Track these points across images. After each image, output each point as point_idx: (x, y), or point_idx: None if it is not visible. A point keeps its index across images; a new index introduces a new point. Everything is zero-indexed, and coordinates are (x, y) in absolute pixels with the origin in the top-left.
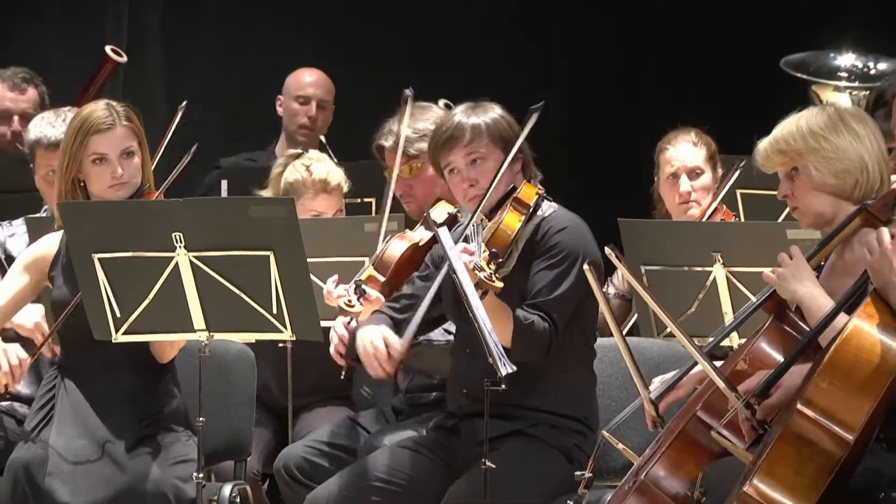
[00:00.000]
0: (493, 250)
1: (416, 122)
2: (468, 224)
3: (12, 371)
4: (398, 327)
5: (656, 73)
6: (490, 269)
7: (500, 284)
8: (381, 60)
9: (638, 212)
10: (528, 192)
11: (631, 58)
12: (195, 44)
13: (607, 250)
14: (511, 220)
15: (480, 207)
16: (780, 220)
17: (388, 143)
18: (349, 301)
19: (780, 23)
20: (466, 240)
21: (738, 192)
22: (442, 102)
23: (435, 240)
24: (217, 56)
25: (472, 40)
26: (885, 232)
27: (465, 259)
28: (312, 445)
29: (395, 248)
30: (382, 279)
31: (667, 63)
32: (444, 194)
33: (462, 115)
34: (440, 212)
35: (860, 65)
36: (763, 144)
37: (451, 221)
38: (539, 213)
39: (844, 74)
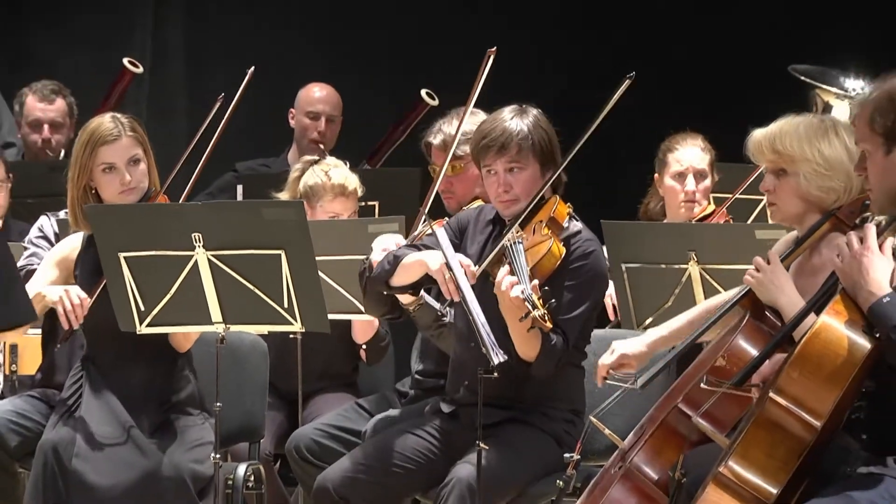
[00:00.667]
0: (545, 286)
1: (464, 126)
2: (493, 236)
3: (74, 309)
4: None
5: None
6: (543, 307)
7: (549, 325)
8: (385, 70)
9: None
10: (562, 211)
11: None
12: (214, 57)
13: None
14: (557, 249)
15: (519, 219)
16: (749, 221)
17: (436, 140)
18: (544, 316)
19: (767, 34)
20: (503, 254)
21: (712, 195)
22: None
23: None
24: (235, 68)
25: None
26: (854, 237)
27: (515, 291)
28: (321, 428)
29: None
30: None
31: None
32: (482, 195)
33: (509, 121)
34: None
35: (860, 86)
36: (758, 136)
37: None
38: (567, 228)
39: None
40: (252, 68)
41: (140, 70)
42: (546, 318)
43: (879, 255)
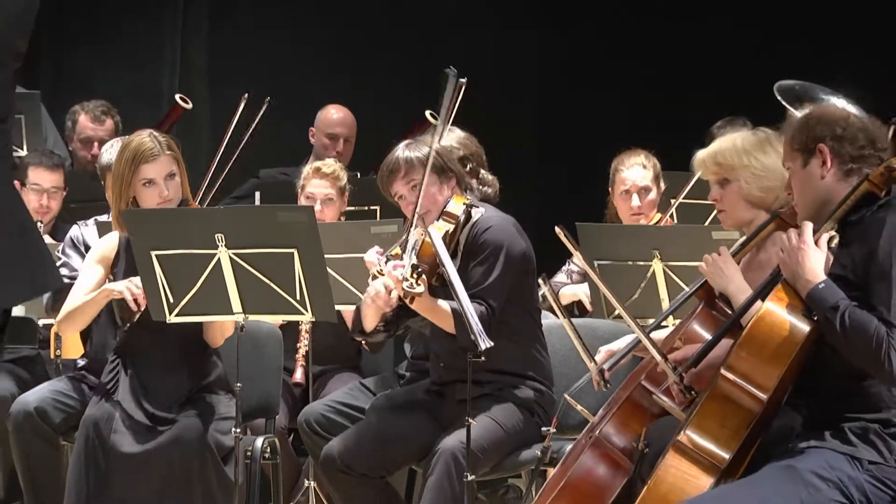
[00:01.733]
0: (416, 262)
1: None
2: (407, 239)
3: (137, 298)
4: None
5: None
6: (412, 278)
7: (419, 289)
8: (393, 91)
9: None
10: (456, 203)
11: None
12: (238, 79)
13: (557, 230)
14: (440, 230)
15: (415, 223)
16: (706, 223)
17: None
18: (380, 270)
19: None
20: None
21: (672, 200)
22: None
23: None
24: (257, 88)
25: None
26: (794, 233)
27: (397, 273)
28: (328, 404)
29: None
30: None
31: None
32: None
33: (398, 151)
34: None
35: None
36: (702, 155)
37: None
38: (471, 219)
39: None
40: (246, 94)
41: (190, 106)
42: (414, 285)
43: (815, 248)
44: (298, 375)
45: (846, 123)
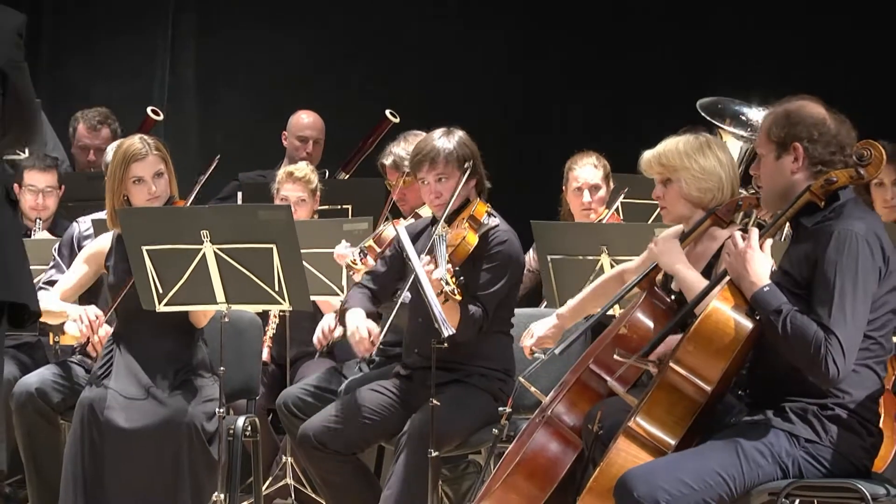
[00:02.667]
0: (457, 268)
1: (409, 146)
2: (432, 233)
3: (91, 325)
4: (376, 298)
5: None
6: (454, 283)
7: (459, 298)
8: (356, 95)
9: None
10: (480, 209)
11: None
12: (223, 89)
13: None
14: (471, 238)
15: (444, 217)
16: (650, 221)
17: (388, 161)
18: (354, 261)
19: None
20: (432, 246)
21: (620, 200)
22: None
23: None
24: (239, 98)
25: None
26: (739, 237)
27: (430, 270)
28: (304, 387)
29: (390, 230)
30: (378, 250)
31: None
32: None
33: (437, 140)
34: (389, 232)
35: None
36: (647, 155)
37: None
38: (486, 223)
39: (745, 120)
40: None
41: (160, 118)
42: (455, 292)
43: (760, 252)
44: (265, 355)
45: (823, 128)
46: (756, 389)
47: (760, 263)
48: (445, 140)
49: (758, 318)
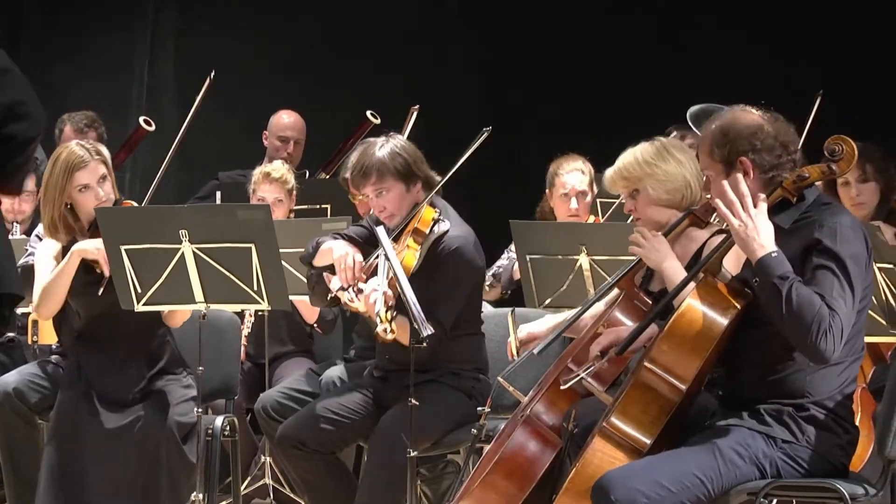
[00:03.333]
0: (392, 301)
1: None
2: (377, 257)
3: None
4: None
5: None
6: (388, 322)
7: (391, 337)
8: (338, 96)
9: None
10: (426, 217)
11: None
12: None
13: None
14: (409, 259)
15: (392, 236)
16: (629, 221)
17: (348, 175)
18: (385, 330)
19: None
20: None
21: (598, 200)
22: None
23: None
24: (219, 98)
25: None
26: (748, 201)
27: (371, 301)
28: (282, 391)
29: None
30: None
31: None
32: None
33: (369, 153)
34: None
35: None
36: (609, 173)
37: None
38: (436, 229)
39: None
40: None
41: (153, 128)
42: (387, 331)
43: (768, 221)
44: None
45: (763, 134)
46: (732, 391)
47: (768, 230)
48: (377, 151)
49: (755, 280)
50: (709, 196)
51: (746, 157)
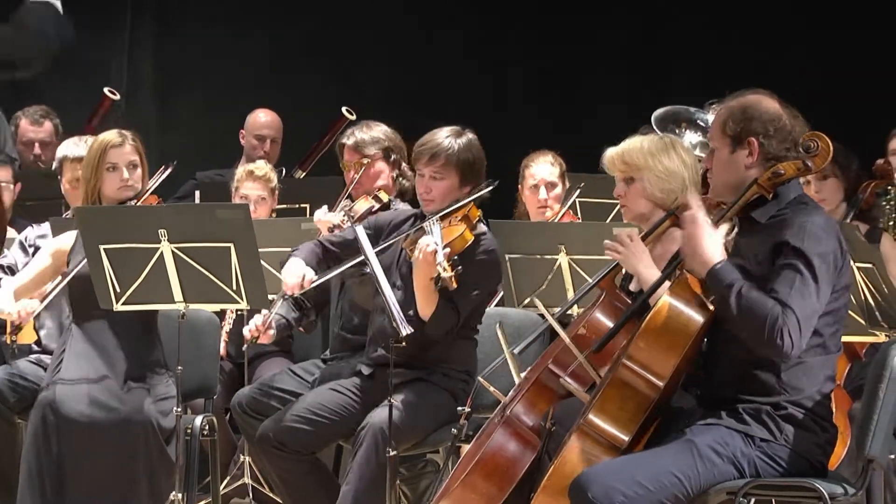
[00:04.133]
0: (455, 257)
1: (370, 131)
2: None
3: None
4: (323, 261)
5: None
6: (452, 271)
7: (454, 286)
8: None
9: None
10: (475, 213)
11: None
12: (180, 90)
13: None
14: (468, 235)
15: (438, 216)
16: (608, 220)
17: (349, 142)
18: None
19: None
20: (423, 232)
21: (578, 200)
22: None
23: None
24: (196, 98)
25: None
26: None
27: (433, 251)
28: (259, 388)
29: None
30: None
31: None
32: (385, 188)
33: (444, 139)
34: (361, 204)
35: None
36: (611, 152)
37: (368, 214)
38: (479, 226)
39: (703, 125)
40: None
41: (118, 97)
42: (452, 279)
43: (711, 230)
44: (221, 350)
45: (779, 123)
46: (710, 390)
47: (712, 241)
48: (453, 140)
49: (711, 305)
50: (707, 165)
51: (757, 139)
